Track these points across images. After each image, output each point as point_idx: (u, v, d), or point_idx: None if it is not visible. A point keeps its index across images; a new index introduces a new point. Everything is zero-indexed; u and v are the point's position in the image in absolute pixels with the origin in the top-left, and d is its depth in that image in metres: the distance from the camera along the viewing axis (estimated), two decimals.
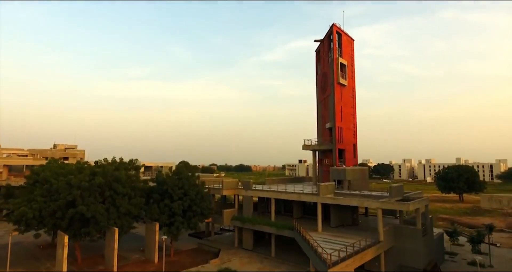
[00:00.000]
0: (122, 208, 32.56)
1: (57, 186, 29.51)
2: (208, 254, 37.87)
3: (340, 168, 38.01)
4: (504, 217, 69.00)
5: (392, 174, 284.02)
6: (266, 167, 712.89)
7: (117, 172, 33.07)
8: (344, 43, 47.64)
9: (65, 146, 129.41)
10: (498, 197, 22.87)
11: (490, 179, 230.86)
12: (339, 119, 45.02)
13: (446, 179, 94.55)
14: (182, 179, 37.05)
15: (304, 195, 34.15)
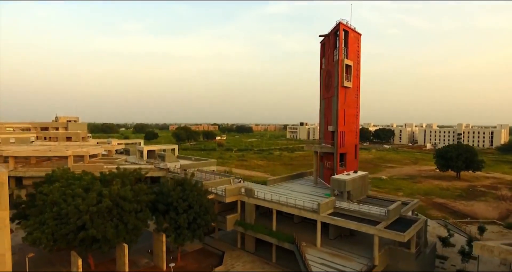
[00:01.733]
0: (130, 224, 34.00)
1: (66, 210, 30.56)
2: (212, 257, 40.29)
3: (340, 179, 38.67)
4: (498, 202, 71.32)
5: (392, 138, 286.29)
6: (267, 127, 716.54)
7: (123, 190, 33.89)
8: (351, 40, 45.49)
9: (66, 118, 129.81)
10: (490, 247, 22.73)
11: (489, 146, 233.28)
12: (341, 124, 44.69)
13: (445, 158, 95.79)
14: (186, 190, 38.01)
15: (305, 211, 35.27)
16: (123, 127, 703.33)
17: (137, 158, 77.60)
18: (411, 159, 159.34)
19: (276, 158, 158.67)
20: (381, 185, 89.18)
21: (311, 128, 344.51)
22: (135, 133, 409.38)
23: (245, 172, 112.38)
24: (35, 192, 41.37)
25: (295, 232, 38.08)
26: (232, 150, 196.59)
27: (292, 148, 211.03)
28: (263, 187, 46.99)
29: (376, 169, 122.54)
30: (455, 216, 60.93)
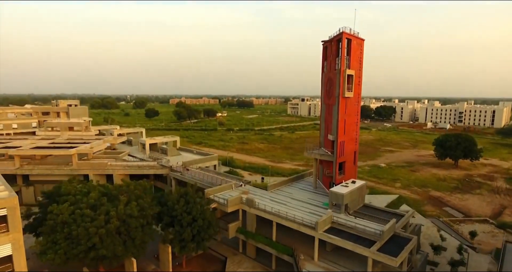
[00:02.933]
0: (137, 239, 35.78)
1: (77, 232, 32.10)
2: (216, 262, 42.63)
3: (338, 193, 39.84)
4: (492, 196, 73.24)
5: (393, 116, 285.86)
6: (268, 101, 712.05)
7: (129, 209, 35.23)
8: (354, 47, 44.69)
9: (67, 102, 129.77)
10: None
11: (490, 125, 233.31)
12: (341, 134, 45.16)
13: (444, 147, 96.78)
14: (190, 203, 39.42)
15: (304, 227, 36.81)
16: (123, 100, 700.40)
17: (139, 150, 78.78)
18: (411, 141, 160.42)
19: (276, 139, 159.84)
20: (380, 175, 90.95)
21: (312, 105, 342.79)
22: (135, 108, 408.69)
23: (246, 158, 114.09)
24: (44, 200, 43.11)
25: (294, 240, 40.02)
26: (233, 130, 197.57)
27: (293, 128, 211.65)
28: (264, 193, 48.32)
29: (375, 154, 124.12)
30: (448, 213, 62.92)
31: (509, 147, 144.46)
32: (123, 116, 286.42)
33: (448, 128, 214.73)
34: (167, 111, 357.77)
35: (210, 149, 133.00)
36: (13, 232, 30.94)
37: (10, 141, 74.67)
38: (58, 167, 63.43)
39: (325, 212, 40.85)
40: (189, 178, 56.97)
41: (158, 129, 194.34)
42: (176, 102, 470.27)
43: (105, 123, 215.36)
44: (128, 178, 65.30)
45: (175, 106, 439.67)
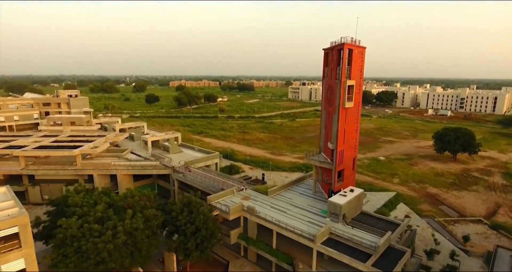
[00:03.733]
0: (143, 250, 37.45)
1: (86, 247, 33.64)
2: (218, 266, 44.63)
3: (336, 204, 41.11)
4: (488, 193, 74.79)
5: (395, 101, 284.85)
6: (269, 83, 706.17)
7: (135, 222, 36.60)
8: (355, 56, 44.58)
9: (67, 92, 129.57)
10: None
11: (492, 111, 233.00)
12: (341, 143, 45.89)
13: (443, 141, 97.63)
14: (193, 213, 40.81)
15: (303, 238, 38.33)
16: (122, 82, 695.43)
17: (141, 146, 79.75)
18: (411, 130, 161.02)
19: (277, 128, 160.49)
20: (379, 169, 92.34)
21: (313, 89, 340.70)
22: (135, 92, 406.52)
23: (247, 150, 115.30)
24: (52, 207, 44.57)
25: (293, 247, 41.72)
26: (234, 117, 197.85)
27: (293, 114, 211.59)
28: (264, 199, 49.62)
29: (375, 145, 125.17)
30: (444, 213, 64.60)
31: (509, 137, 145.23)
32: (123, 102, 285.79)
33: (449, 115, 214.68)
34: (167, 95, 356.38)
35: (211, 139, 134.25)
36: (25, 247, 32.46)
37: (13, 138, 75.51)
38: (63, 167, 64.65)
39: (324, 221, 42.36)
40: (191, 180, 58.25)
41: (159, 117, 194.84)
42: (176, 86, 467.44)
43: (105, 111, 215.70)
44: (131, 178, 66.89)
45: (176, 90, 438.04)
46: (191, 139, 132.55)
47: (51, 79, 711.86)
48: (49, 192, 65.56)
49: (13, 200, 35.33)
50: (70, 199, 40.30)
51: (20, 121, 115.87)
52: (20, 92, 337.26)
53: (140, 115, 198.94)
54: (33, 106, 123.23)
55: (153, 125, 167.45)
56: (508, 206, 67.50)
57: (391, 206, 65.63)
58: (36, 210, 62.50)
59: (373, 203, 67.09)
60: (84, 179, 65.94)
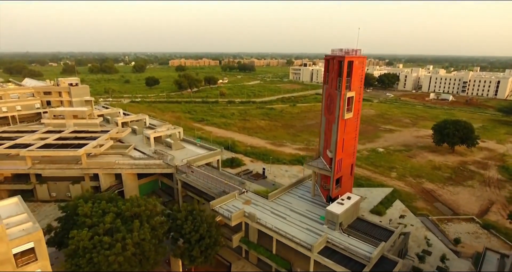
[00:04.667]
0: (151, 258, 39.79)
1: (97, 259, 35.84)
2: (221, 267, 47.31)
3: (334, 213, 42.96)
4: (482, 190, 76.82)
5: (397, 84, 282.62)
6: (270, 62, 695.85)
7: (142, 233, 38.63)
8: (356, 67, 44.81)
9: (67, 80, 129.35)
10: None
11: (494, 95, 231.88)
12: (340, 152, 47.08)
13: (442, 134, 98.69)
14: (197, 221, 42.79)
15: (301, 247, 40.49)
16: (121, 61, 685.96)
17: (144, 142, 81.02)
18: (411, 117, 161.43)
19: (277, 115, 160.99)
20: (377, 162, 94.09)
21: (314, 71, 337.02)
22: (134, 73, 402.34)
23: (247, 140, 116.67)
24: (62, 212, 46.62)
25: (292, 251, 44.04)
26: (235, 102, 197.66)
27: (294, 99, 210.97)
28: (265, 203, 51.45)
29: (375, 135, 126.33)
30: (438, 210, 66.85)
31: (508, 125, 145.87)
32: (123, 84, 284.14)
33: (450, 100, 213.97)
34: (167, 76, 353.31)
35: (212, 127, 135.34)
36: (41, 260, 34.61)
37: (18, 135, 76.69)
38: (69, 166, 66.33)
39: (321, 228, 44.43)
40: (194, 180, 60.03)
41: (160, 102, 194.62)
42: (176, 66, 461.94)
43: (106, 95, 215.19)
44: (136, 176, 68.78)
45: (175, 70, 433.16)
46: (192, 127, 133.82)
47: (49, 58, 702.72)
48: (57, 189, 67.71)
49: (26, 213, 36.93)
50: (80, 209, 42.18)
51: (23, 111, 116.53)
52: (19, 73, 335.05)
53: (141, 100, 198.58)
54: (34, 96, 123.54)
55: (154, 111, 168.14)
56: (501, 203, 69.71)
57: (388, 203, 67.81)
58: (45, 207, 65.04)
59: (370, 200, 69.28)
60: (90, 177, 67.85)
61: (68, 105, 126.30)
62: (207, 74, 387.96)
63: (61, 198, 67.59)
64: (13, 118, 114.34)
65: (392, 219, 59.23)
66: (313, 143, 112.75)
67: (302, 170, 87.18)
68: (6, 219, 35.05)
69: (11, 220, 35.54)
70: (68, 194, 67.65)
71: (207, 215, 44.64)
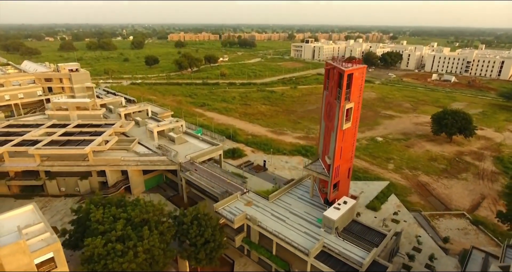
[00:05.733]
0: (160, 262, 43.09)
1: (112, 266, 39.00)
2: (225, 264, 50.98)
3: (330, 219, 45.65)
4: (475, 183, 79.51)
5: (400, 62, 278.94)
6: (271, 36, 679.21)
7: (152, 240, 41.57)
8: (356, 78, 45.55)
9: (67, 66, 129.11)
10: None
11: (497, 76, 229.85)
12: (338, 160, 48.99)
13: (441, 124, 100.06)
14: (202, 226, 45.66)
15: (298, 251, 43.57)
16: (119, 35, 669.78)
17: (147, 135, 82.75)
18: (412, 101, 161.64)
19: (278, 99, 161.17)
20: (375, 152, 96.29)
21: (316, 48, 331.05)
22: (133, 49, 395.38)
23: (248, 127, 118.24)
24: (76, 214, 49.52)
25: (291, 253, 47.31)
26: (235, 84, 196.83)
27: (295, 80, 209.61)
28: (265, 204, 54.09)
29: (374, 121, 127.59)
30: (431, 205, 69.85)
31: (508, 110, 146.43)
32: (122, 63, 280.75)
33: (453, 81, 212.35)
34: (167, 53, 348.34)
35: (213, 113, 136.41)
36: (60, 267, 37.72)
37: (24, 129, 78.33)
38: (76, 162, 68.65)
39: (318, 232, 47.38)
40: (198, 178, 62.58)
41: (160, 84, 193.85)
42: (176, 42, 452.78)
43: (105, 76, 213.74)
44: (141, 172, 71.29)
45: (175, 46, 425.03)
46: (194, 113, 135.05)
47: (44, 31, 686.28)
48: (66, 184, 70.51)
49: (43, 223, 39.59)
50: (92, 215, 44.91)
51: (25, 99, 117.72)
52: (16, 50, 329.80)
53: (141, 82, 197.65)
54: (35, 82, 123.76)
55: (154, 94, 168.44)
56: (492, 198, 72.62)
57: (383, 198, 70.70)
58: (55, 202, 68.12)
59: (367, 194, 72.18)
60: (97, 172, 70.39)
61: (70, 91, 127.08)
62: (207, 51, 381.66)
63: (70, 192, 70.63)
64: (16, 106, 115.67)
65: (385, 218, 62.13)
66: (313, 130, 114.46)
67: (301, 161, 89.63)
68: (25, 229, 37.59)
69: (30, 230, 38.13)
70: (77, 189, 70.60)
71: (211, 217, 47.40)
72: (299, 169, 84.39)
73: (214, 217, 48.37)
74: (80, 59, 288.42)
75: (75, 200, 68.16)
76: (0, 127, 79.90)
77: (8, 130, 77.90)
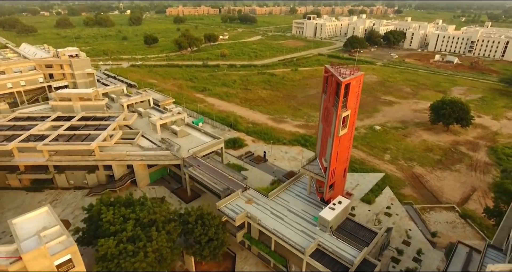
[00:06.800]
0: (168, 259, 46.88)
1: (124, 265, 42.68)
2: (227, 258, 55.06)
3: (325, 219, 48.82)
4: (468, 175, 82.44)
5: (403, 41, 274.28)
6: (272, 10, 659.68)
7: (160, 241, 45.01)
8: (353, 87, 46.81)
9: (68, 52, 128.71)
10: None
11: (500, 57, 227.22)
12: (334, 163, 51.40)
13: (438, 114, 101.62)
14: (206, 225, 49.01)
15: (295, 250, 47.13)
16: (116, 9, 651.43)
17: (151, 128, 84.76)
18: (413, 85, 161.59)
19: (279, 83, 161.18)
20: (373, 142, 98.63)
21: (318, 25, 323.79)
22: (131, 25, 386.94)
23: (249, 115, 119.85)
24: (87, 213, 52.76)
25: (289, 249, 51.07)
26: (236, 66, 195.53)
27: (296, 62, 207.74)
28: (265, 202, 57.19)
29: (374, 108, 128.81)
30: (423, 198, 73.15)
31: (508, 96, 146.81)
32: (120, 41, 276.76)
33: (455, 62, 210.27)
34: (166, 30, 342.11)
35: (214, 98, 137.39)
36: (77, 266, 41.30)
37: (30, 123, 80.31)
38: (83, 157, 71.28)
39: (314, 230, 50.81)
40: (201, 173, 65.54)
41: (160, 66, 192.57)
42: (174, 17, 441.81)
43: (104, 57, 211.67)
44: (146, 166, 74.12)
45: (173, 21, 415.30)
46: (195, 99, 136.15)
47: (39, 4, 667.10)
48: (74, 178, 73.66)
49: (59, 225, 42.75)
50: (103, 216, 48.12)
51: (27, 86, 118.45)
52: (12, 27, 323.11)
53: (141, 64, 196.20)
54: (35, 69, 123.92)
55: (154, 78, 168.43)
56: (482, 190, 75.84)
57: (378, 191, 73.89)
58: (65, 195, 71.56)
59: (362, 187, 75.39)
60: (104, 166, 73.25)
61: (71, 78, 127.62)
62: (206, 27, 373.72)
63: (79, 185, 73.94)
64: (19, 94, 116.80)
65: (378, 212, 65.58)
66: (313, 118, 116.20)
67: (301, 151, 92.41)
68: (42, 232, 40.80)
69: (47, 232, 41.17)
70: (85, 182, 73.85)
71: (214, 217, 50.67)
72: (298, 160, 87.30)
73: (216, 216, 51.65)
74: (77, 37, 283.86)
75: (84, 193, 71.60)
76: (6, 121, 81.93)
77: (15, 124, 79.93)
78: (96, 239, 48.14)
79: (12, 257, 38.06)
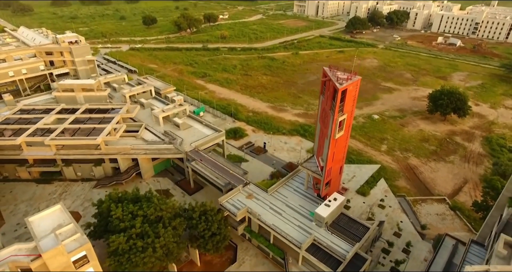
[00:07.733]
0: (175, 253, 50.63)
1: (135, 260, 46.37)
2: (229, 248, 59.03)
3: (321, 216, 52.04)
4: (460, 167, 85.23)
5: (406, 22, 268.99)
6: None
7: (167, 237, 48.47)
8: (349, 92, 48.47)
9: (67, 39, 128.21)
10: None
11: (504, 39, 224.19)
12: (330, 163, 53.95)
13: (436, 105, 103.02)
14: (209, 221, 52.39)
15: (292, 244, 50.70)
16: None
17: (153, 120, 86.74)
18: (414, 71, 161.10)
19: (279, 68, 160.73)
20: (371, 132, 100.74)
21: (320, 4, 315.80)
22: (128, 3, 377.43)
23: (249, 103, 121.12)
24: (97, 209, 56.00)
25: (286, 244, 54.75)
26: (236, 49, 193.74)
27: (297, 44, 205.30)
28: (265, 197, 60.31)
29: (373, 96, 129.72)
30: (416, 190, 76.34)
31: (508, 82, 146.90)
32: (118, 22, 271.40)
33: (458, 45, 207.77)
34: (164, 9, 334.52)
35: (215, 85, 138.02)
36: (92, 260, 44.81)
37: (35, 115, 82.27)
38: (89, 151, 73.89)
39: (310, 225, 54.26)
40: (203, 168, 68.42)
41: (160, 49, 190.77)
42: None
43: (103, 39, 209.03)
44: (150, 159, 76.83)
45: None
46: (195, 85, 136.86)
47: None
48: (81, 170, 76.65)
49: (72, 223, 45.93)
50: (113, 213, 51.32)
51: (29, 74, 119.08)
52: (7, 5, 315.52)
53: (140, 47, 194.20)
54: (35, 56, 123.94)
55: (154, 62, 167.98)
56: (473, 182, 78.94)
57: (373, 183, 76.94)
58: (74, 187, 74.83)
59: (358, 178, 78.42)
60: (110, 159, 76.01)
61: (71, 65, 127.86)
62: (206, 4, 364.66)
63: (86, 177, 77.08)
64: (21, 83, 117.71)
65: (372, 205, 68.97)
66: (313, 106, 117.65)
67: (300, 142, 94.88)
68: (58, 231, 43.97)
69: (62, 230, 44.23)
70: (92, 174, 76.90)
71: (217, 212, 53.94)
72: (296, 150, 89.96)
73: (219, 211, 54.93)
74: (74, 17, 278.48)
75: (91, 185, 74.86)
76: (12, 114, 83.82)
77: (21, 117, 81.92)
78: (106, 233, 51.85)
79: (32, 255, 41.48)
